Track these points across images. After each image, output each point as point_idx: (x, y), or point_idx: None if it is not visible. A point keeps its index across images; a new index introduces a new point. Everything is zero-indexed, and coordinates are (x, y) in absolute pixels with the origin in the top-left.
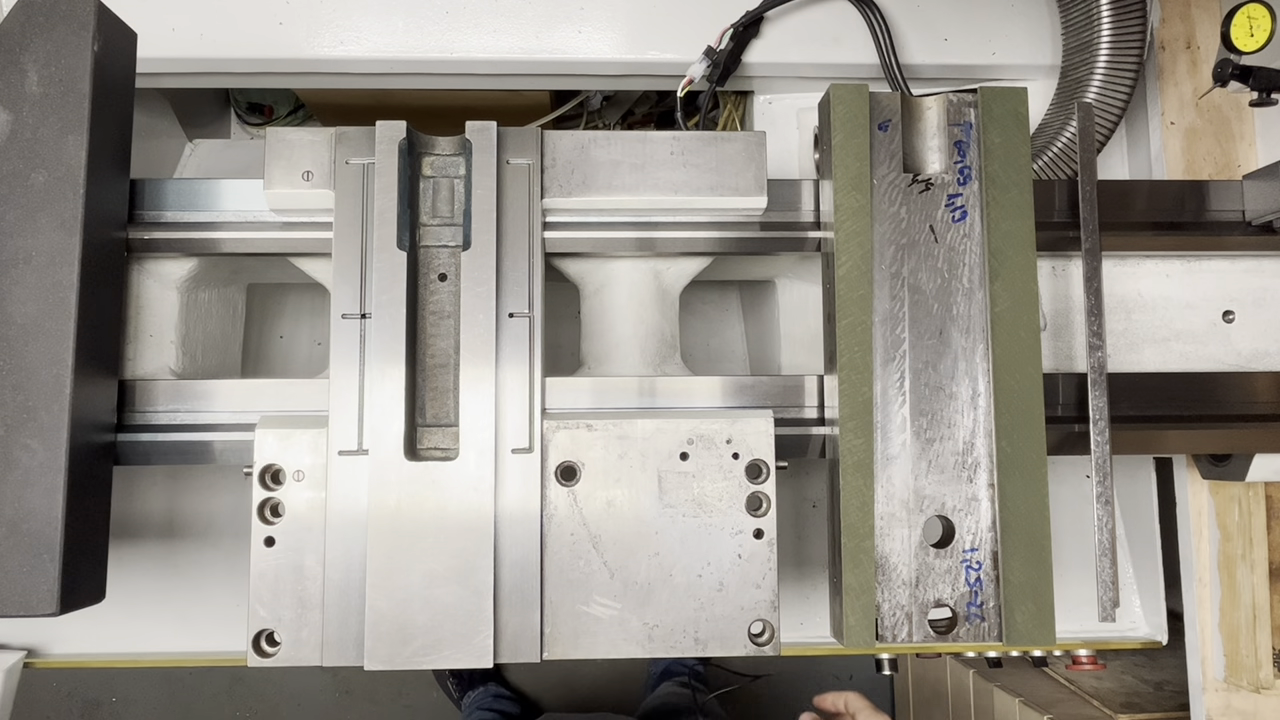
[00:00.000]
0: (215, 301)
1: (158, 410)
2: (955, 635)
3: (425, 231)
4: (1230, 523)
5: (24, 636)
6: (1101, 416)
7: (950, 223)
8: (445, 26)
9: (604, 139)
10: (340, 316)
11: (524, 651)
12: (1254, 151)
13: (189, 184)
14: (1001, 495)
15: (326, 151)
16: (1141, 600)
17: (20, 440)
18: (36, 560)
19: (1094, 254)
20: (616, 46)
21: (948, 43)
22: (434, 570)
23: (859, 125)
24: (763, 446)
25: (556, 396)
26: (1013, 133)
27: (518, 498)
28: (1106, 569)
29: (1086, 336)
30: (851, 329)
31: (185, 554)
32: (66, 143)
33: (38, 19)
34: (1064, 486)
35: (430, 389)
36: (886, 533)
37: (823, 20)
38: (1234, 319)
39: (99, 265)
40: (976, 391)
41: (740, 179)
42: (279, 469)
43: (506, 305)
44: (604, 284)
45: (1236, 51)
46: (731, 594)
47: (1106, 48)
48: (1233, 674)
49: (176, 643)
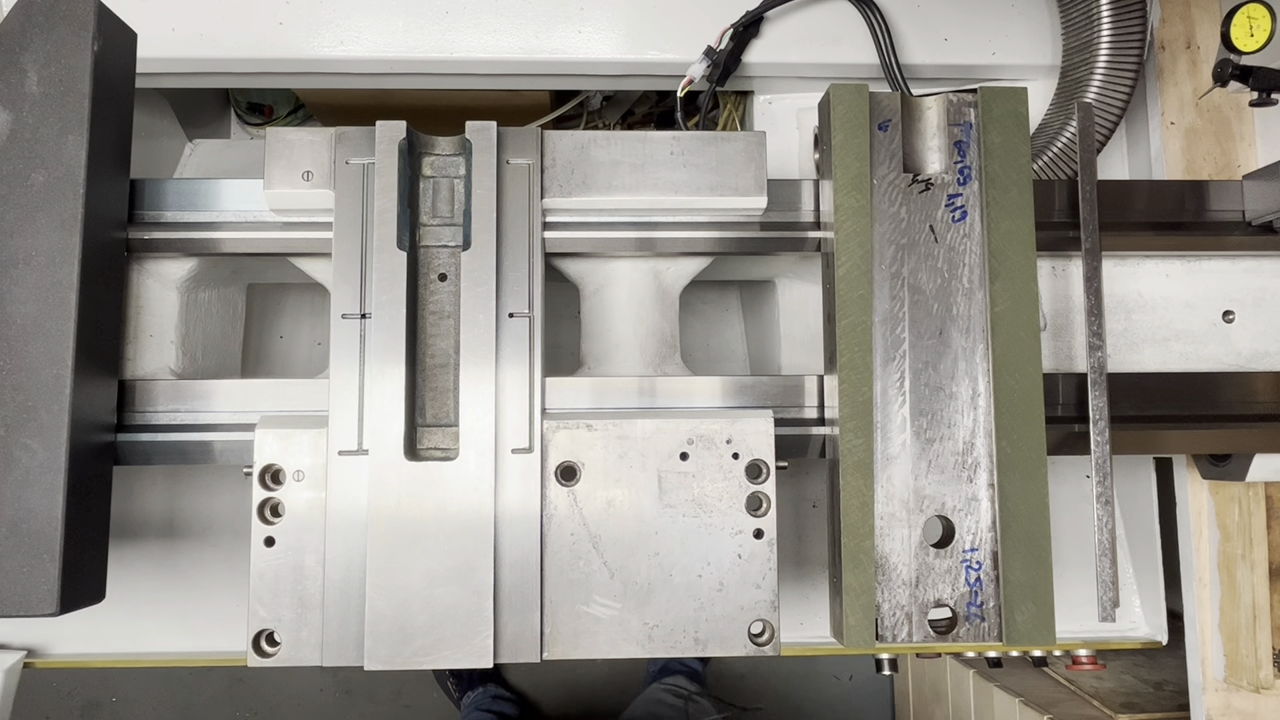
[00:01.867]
0: (215, 301)
1: (158, 410)
2: (955, 635)
3: (425, 231)
4: (1230, 523)
5: (24, 636)
6: (1101, 416)
7: (950, 223)
8: (445, 26)
9: (604, 139)
10: (340, 316)
11: (524, 651)
12: (1254, 151)
13: (189, 184)
14: (1001, 495)
15: (326, 151)
16: (1141, 600)
17: (20, 440)
18: (36, 560)
19: (1094, 254)
20: (616, 46)
21: (948, 43)
22: (434, 570)
23: (859, 125)
24: (763, 446)
25: (556, 396)
26: (1013, 133)
27: (518, 498)
28: (1106, 569)
29: (1086, 336)
30: (851, 329)
31: (185, 554)
32: (66, 143)
33: (38, 19)
34: (1064, 486)
35: (430, 389)
36: (886, 533)
37: (823, 20)
38: (1234, 319)
39: (99, 265)
40: (976, 391)
41: (740, 179)
42: (279, 469)
43: (506, 305)
44: (604, 284)
45: (1236, 51)
46: (731, 594)
47: (1106, 48)
48: (1233, 674)
49: (176, 643)
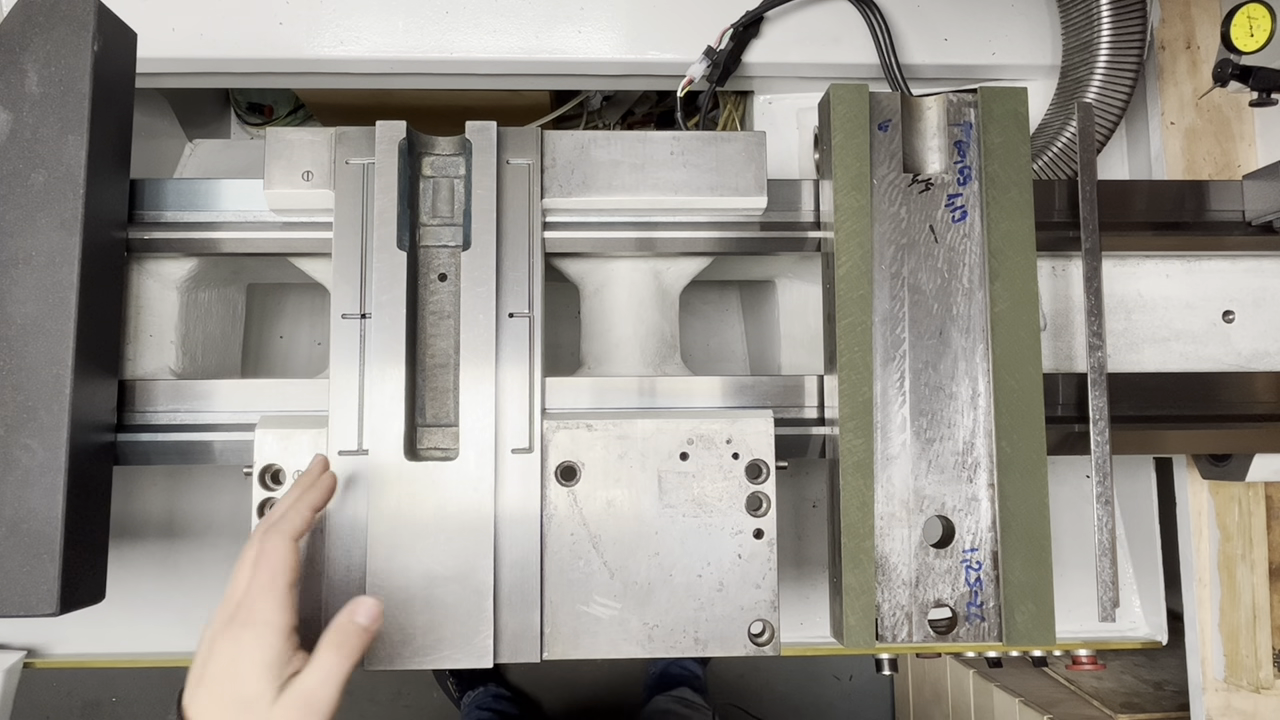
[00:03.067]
0: (215, 301)
1: (158, 410)
2: (955, 635)
3: (425, 231)
4: (1230, 523)
5: (24, 636)
6: (1101, 416)
7: (950, 223)
8: (445, 26)
9: (604, 139)
10: (340, 316)
11: (524, 651)
12: (1254, 151)
13: (189, 184)
14: (1001, 495)
15: (326, 151)
16: (1141, 600)
17: (20, 440)
18: (36, 560)
19: (1094, 254)
20: (616, 46)
21: (948, 43)
22: (434, 570)
23: (859, 125)
24: (763, 446)
25: (556, 396)
26: (1013, 133)
27: (518, 498)
28: (1106, 569)
29: (1086, 336)
30: (851, 329)
31: (185, 554)
32: (66, 143)
33: (38, 19)
34: (1064, 486)
35: (430, 389)
36: (886, 533)
37: (823, 20)
38: (1234, 319)
39: (99, 265)
40: (976, 391)
41: (740, 179)
42: (279, 469)
43: (506, 305)
44: (604, 284)
45: (1236, 51)
46: (731, 594)
47: (1106, 48)
48: (1233, 674)
49: (176, 643)
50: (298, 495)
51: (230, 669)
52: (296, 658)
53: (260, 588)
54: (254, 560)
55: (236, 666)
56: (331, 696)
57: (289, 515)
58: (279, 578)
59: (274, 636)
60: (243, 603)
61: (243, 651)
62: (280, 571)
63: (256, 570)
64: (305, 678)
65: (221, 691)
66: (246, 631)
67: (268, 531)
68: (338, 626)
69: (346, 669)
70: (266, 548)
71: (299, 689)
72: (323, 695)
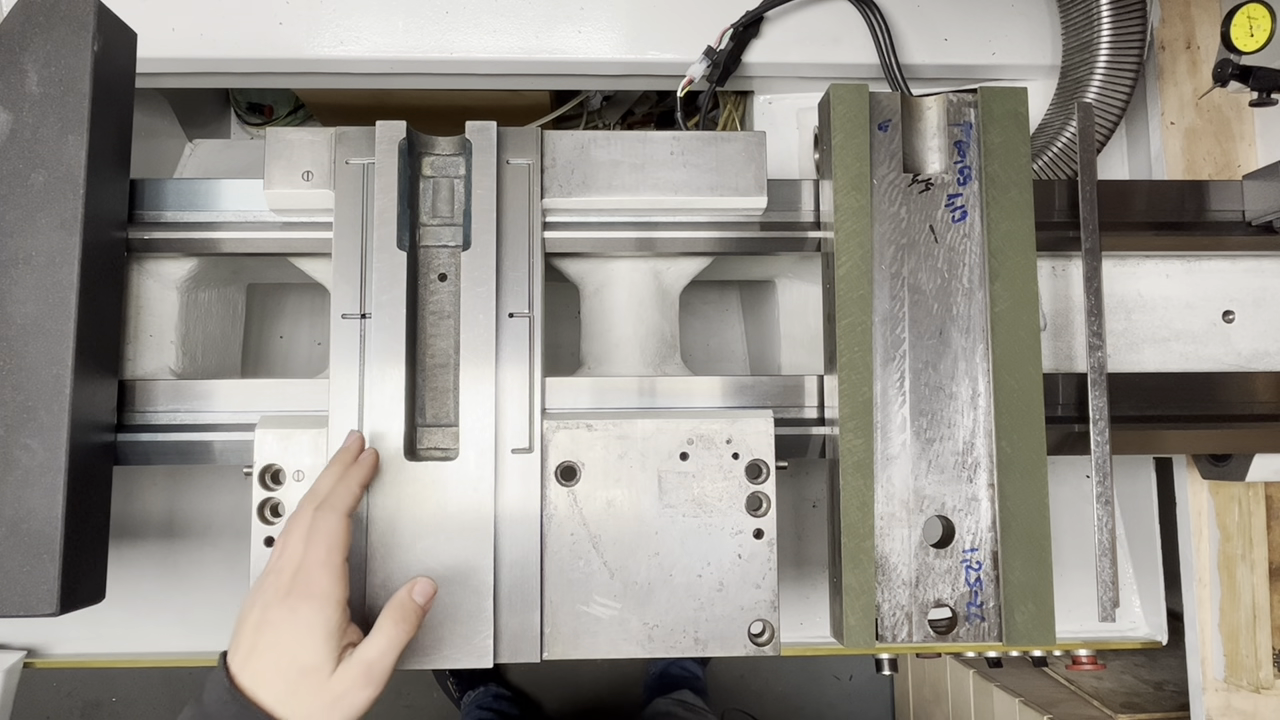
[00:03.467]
0: (215, 301)
1: (158, 410)
2: (955, 635)
3: (425, 231)
4: (1230, 523)
5: (24, 636)
6: (1101, 416)
7: (950, 223)
8: (445, 26)
9: (604, 139)
10: (340, 316)
11: (524, 651)
12: (1254, 151)
13: (189, 184)
14: (1001, 495)
15: (326, 151)
16: (1141, 600)
17: (20, 440)
18: (36, 560)
19: (1094, 254)
20: (616, 46)
21: (948, 43)
22: (434, 570)
23: (859, 125)
24: (763, 446)
25: (556, 396)
26: (1013, 133)
27: (518, 498)
28: (1106, 569)
29: (1086, 336)
30: (851, 329)
31: (185, 554)
32: (66, 143)
33: (38, 19)
34: (1064, 486)
35: (430, 389)
36: (886, 533)
37: (823, 20)
38: (1234, 319)
39: (99, 265)
40: (976, 391)
41: (740, 179)
42: (279, 469)
43: (506, 305)
44: (604, 284)
45: (1236, 51)
46: (731, 594)
47: (1106, 48)
48: (1233, 674)
49: (176, 643)
50: (339, 472)
51: (289, 639)
52: (351, 629)
53: (317, 561)
54: (306, 535)
55: (296, 636)
56: (389, 667)
57: (338, 491)
58: (335, 552)
59: (332, 608)
60: (298, 575)
61: (301, 622)
62: (336, 546)
63: (310, 544)
64: (366, 648)
65: (279, 660)
66: (305, 603)
67: (320, 507)
68: (398, 602)
69: (404, 641)
70: (320, 523)
71: (360, 658)
72: (382, 665)
